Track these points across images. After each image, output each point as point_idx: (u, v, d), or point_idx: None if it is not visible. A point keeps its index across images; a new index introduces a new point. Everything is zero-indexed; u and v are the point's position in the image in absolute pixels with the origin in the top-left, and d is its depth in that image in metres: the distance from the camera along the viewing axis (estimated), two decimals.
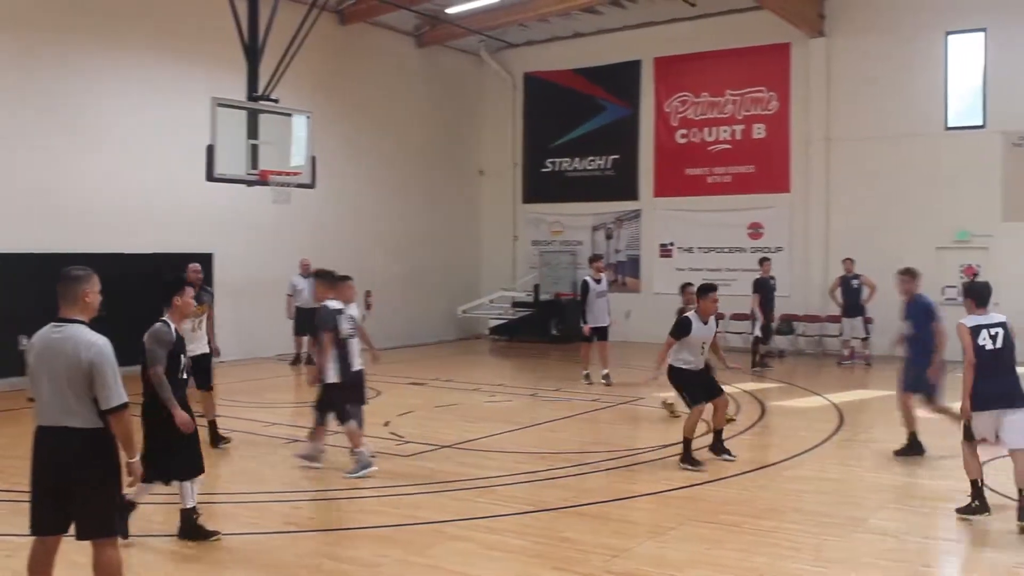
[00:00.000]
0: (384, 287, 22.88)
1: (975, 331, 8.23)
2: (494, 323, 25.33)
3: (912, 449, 10.88)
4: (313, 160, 15.25)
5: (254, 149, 14.34)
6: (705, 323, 10.60)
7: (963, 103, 20.84)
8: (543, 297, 25.06)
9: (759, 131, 23.15)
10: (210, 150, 13.72)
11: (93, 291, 5.64)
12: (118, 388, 5.43)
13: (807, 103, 22.22)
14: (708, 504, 8.80)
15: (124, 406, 5.45)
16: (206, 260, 18.95)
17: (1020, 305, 19.89)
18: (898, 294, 11.30)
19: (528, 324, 24.37)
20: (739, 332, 21.22)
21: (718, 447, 10.69)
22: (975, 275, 20.26)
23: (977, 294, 8.55)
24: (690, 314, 10.68)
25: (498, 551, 7.38)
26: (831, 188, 22.01)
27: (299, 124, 15.17)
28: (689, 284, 12.48)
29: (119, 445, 5.57)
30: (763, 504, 8.85)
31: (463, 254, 26.76)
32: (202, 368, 11.14)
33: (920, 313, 11.01)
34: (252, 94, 14.90)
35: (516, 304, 25.35)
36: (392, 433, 12.20)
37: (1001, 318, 8.34)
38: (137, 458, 5.66)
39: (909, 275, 11.18)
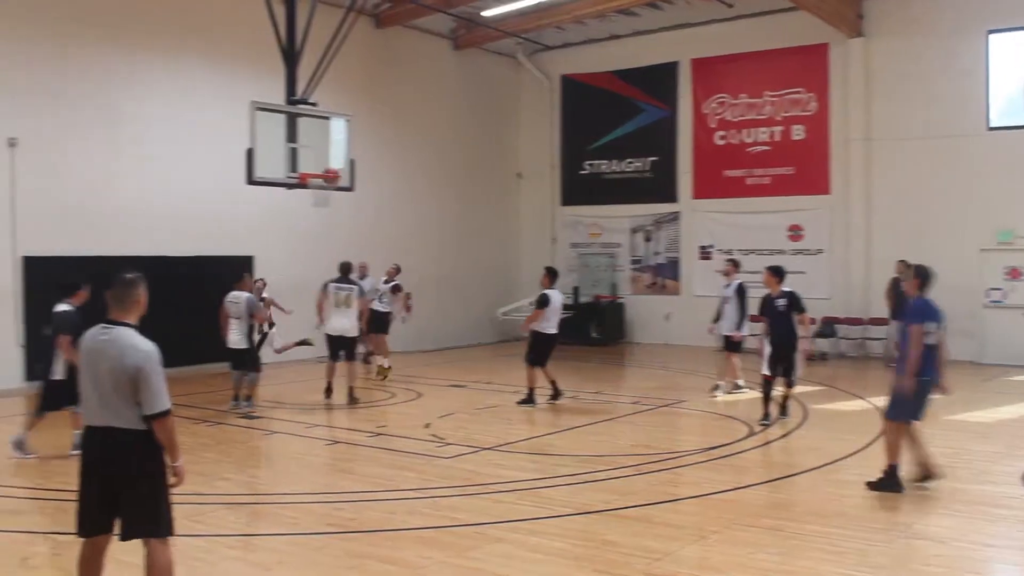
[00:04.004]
0: (423, 290, 22.97)
1: None
2: None
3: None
4: (352, 163, 15.29)
5: (293, 152, 14.40)
6: None
7: (1006, 102, 20.56)
8: (582, 300, 25.00)
9: (798, 132, 22.97)
10: (250, 153, 13.77)
11: (145, 294, 5.68)
12: (162, 394, 5.42)
13: (846, 104, 22.01)
14: (751, 507, 8.72)
15: (166, 412, 5.45)
16: (247, 263, 19.16)
17: None
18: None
19: (567, 327, 24.19)
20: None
21: None
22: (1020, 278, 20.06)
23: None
24: None
25: (540, 554, 7.34)
26: (871, 189, 21.79)
27: (337, 127, 15.19)
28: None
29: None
30: (806, 508, 8.76)
31: (502, 257, 26.76)
32: None
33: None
34: (291, 98, 14.96)
35: None
36: (433, 435, 12.20)
37: None
38: (180, 462, 5.64)
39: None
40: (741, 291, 15.39)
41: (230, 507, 8.90)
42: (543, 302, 14.80)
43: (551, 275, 15.22)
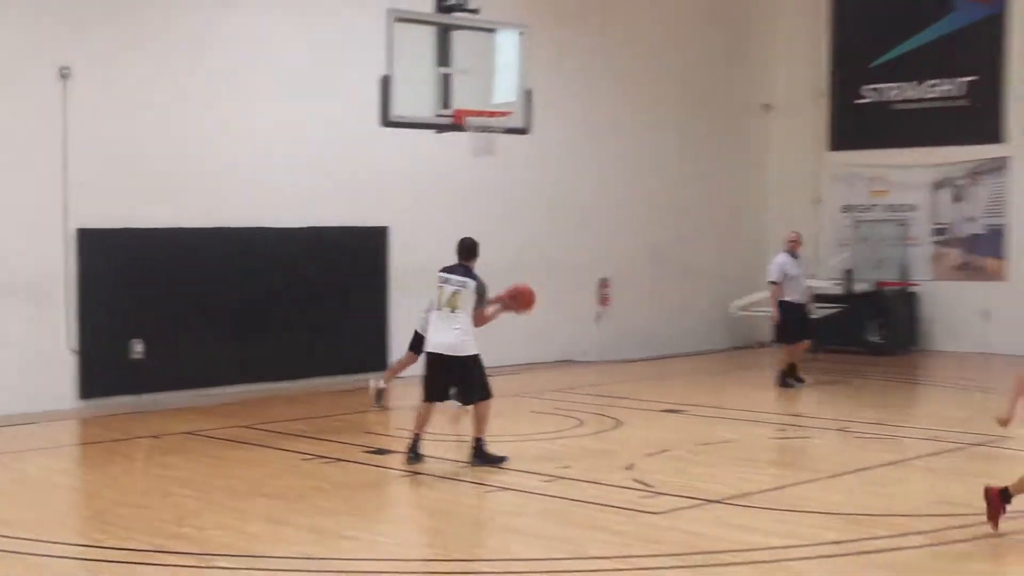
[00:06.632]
0: (627, 272, 23.05)
1: None
2: None
3: None
4: (528, 95, 15.45)
5: (445, 81, 14.64)
6: None
7: None
8: (858, 287, 24.53)
9: None
10: (385, 83, 14.05)
11: None
12: None
13: None
14: None
15: None
16: (379, 235, 19.56)
17: None
18: None
19: (835, 327, 23.84)
20: None
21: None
22: None
23: None
24: None
25: None
26: None
27: (507, 44, 15.38)
28: None
29: None
30: None
31: (740, 225, 26.51)
32: None
33: None
34: (442, 3, 15.16)
35: (818, 298, 24.89)
36: (637, 480, 12.22)
37: None
38: None
39: None
40: None
41: None
42: None
43: None
